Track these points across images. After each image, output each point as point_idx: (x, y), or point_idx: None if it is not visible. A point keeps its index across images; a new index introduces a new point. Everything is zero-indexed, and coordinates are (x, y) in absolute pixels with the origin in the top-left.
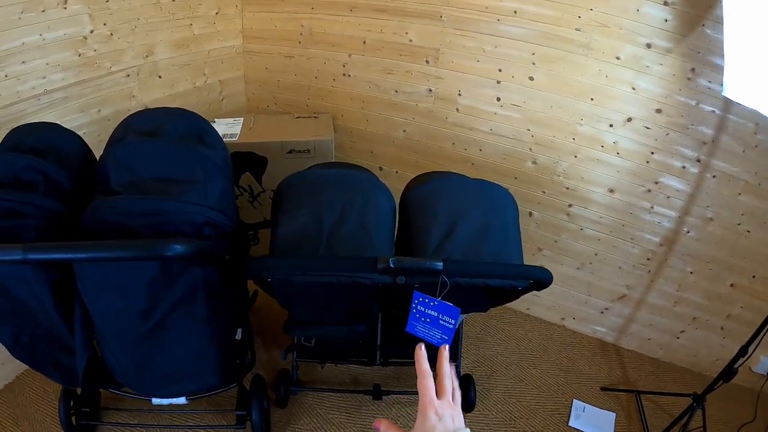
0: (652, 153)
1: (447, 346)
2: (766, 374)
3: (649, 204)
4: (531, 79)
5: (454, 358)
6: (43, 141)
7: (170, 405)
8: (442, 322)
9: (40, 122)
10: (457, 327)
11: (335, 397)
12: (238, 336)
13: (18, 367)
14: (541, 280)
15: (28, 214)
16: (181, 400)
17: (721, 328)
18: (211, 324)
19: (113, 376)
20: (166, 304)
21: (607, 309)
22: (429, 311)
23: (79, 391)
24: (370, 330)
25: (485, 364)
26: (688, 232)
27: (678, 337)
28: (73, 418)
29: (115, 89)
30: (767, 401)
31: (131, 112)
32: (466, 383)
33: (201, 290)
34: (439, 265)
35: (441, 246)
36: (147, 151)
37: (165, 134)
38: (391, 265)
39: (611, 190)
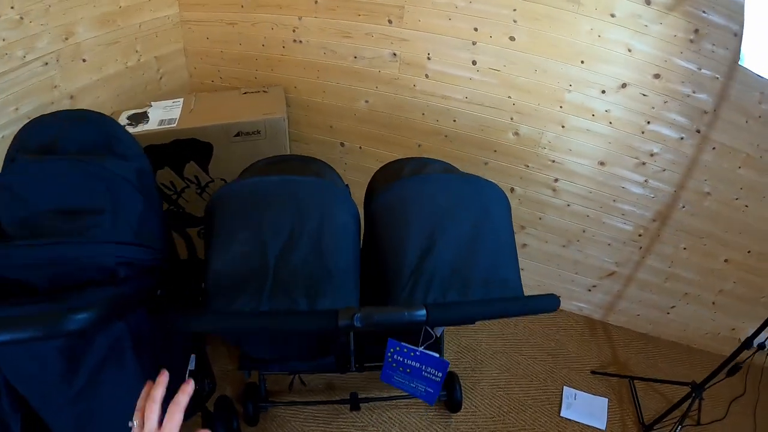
0: (648, 122)
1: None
2: (755, 347)
3: (643, 178)
4: (512, 39)
5: (440, 353)
6: None
7: None
8: (426, 374)
9: None
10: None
11: (311, 408)
12: (192, 366)
13: None
14: (546, 311)
15: None
16: None
17: (713, 303)
18: (149, 374)
19: None
20: (89, 365)
21: (594, 287)
22: (409, 362)
23: None
24: (341, 357)
25: (469, 355)
26: (683, 206)
27: (668, 313)
28: None
29: (32, 81)
30: (757, 375)
31: (55, 106)
32: (450, 382)
33: (127, 341)
34: (422, 314)
35: (420, 267)
36: (40, 176)
37: (63, 149)
38: (357, 324)
39: (601, 163)
